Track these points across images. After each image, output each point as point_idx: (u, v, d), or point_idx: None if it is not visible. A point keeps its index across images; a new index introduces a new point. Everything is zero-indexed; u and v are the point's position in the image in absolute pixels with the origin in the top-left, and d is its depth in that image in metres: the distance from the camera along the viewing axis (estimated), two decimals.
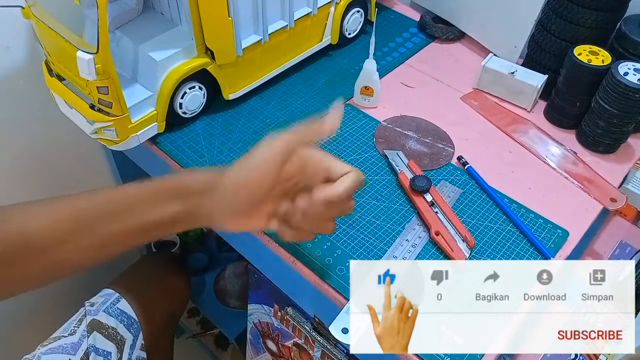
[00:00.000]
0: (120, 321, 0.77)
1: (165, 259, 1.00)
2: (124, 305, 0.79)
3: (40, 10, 0.58)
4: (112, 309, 0.77)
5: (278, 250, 0.56)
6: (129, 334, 0.77)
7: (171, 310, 0.90)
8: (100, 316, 0.75)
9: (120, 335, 0.75)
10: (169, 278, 0.92)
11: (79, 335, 0.72)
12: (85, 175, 0.97)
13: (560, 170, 0.66)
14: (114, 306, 0.78)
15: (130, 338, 0.77)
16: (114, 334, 0.75)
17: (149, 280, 0.88)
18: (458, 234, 0.56)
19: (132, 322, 0.78)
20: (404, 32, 0.88)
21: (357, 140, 0.68)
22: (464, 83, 0.78)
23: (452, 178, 0.64)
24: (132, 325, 0.78)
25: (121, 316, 0.77)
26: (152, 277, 0.89)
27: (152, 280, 0.88)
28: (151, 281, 0.88)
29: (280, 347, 0.87)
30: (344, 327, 0.49)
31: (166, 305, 0.88)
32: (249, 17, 0.66)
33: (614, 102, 0.62)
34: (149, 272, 0.90)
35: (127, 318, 0.78)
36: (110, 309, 0.77)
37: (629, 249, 0.68)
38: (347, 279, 0.53)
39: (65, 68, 0.61)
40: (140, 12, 0.66)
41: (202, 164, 0.64)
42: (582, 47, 0.67)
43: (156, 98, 0.62)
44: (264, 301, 0.84)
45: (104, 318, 0.75)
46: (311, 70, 0.79)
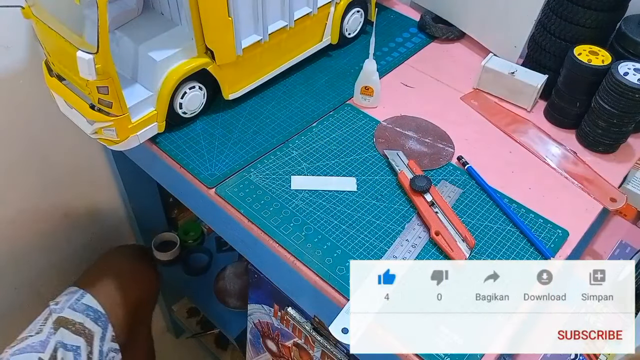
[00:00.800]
0: (87, 315, 0.76)
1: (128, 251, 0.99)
2: (89, 300, 0.78)
3: (40, 10, 0.58)
4: (77, 304, 0.77)
5: (278, 250, 0.56)
6: (97, 327, 0.77)
7: (140, 299, 0.89)
8: (66, 313, 0.75)
9: (87, 329, 0.75)
10: (134, 268, 0.91)
11: (46, 333, 0.72)
12: (85, 175, 0.97)
13: (560, 170, 0.66)
14: (78, 302, 0.77)
15: (99, 331, 0.77)
16: (81, 328, 0.75)
17: (112, 273, 0.87)
18: (458, 234, 0.56)
19: (99, 315, 0.78)
20: (404, 32, 0.88)
21: (357, 140, 0.68)
22: (464, 83, 0.78)
23: (452, 178, 0.64)
24: (100, 318, 0.78)
25: (87, 310, 0.77)
26: (115, 269, 0.88)
27: (116, 272, 0.87)
28: (115, 273, 0.87)
29: (280, 347, 0.87)
30: (344, 327, 0.49)
31: (133, 294, 0.87)
32: (249, 17, 0.66)
33: (614, 102, 0.62)
34: (112, 265, 0.89)
35: (94, 312, 0.78)
36: (75, 305, 0.77)
37: (629, 249, 0.69)
38: (347, 279, 0.53)
39: (65, 68, 0.61)
40: (140, 12, 0.66)
41: (202, 164, 0.64)
42: (582, 47, 0.67)
43: (156, 98, 0.62)
44: (264, 301, 0.84)
45: (70, 314, 0.75)
46: (311, 70, 0.79)
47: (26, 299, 0.98)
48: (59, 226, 0.96)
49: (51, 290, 1.00)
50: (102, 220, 1.07)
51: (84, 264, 1.04)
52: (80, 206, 1.00)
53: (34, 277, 0.98)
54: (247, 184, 0.62)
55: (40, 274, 0.99)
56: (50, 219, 0.94)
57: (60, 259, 1.01)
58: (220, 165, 0.64)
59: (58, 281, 1.02)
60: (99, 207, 1.05)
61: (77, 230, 1.01)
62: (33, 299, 0.99)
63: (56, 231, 0.96)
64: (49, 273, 1.00)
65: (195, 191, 0.63)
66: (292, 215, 0.59)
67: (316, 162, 0.65)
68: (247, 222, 0.58)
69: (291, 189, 0.62)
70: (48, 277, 1.00)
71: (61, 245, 1.00)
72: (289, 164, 0.65)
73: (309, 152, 0.66)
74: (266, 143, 0.67)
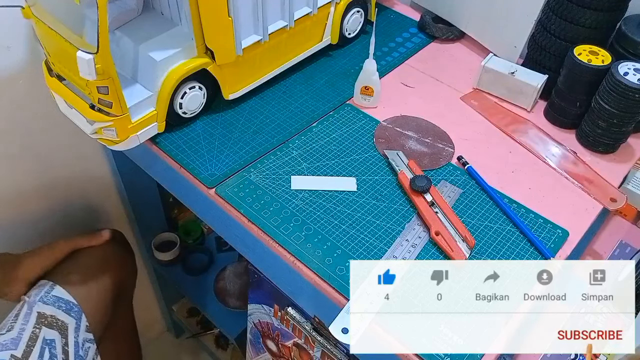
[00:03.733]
0: (58, 307, 0.75)
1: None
2: (59, 291, 0.77)
3: (40, 10, 0.58)
4: (47, 297, 0.76)
5: (278, 250, 0.56)
6: (70, 318, 0.76)
7: (114, 283, 0.86)
8: (37, 307, 0.74)
9: (60, 321, 0.74)
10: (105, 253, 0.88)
11: (18, 330, 0.71)
12: (85, 175, 0.97)
13: (560, 170, 0.66)
14: (48, 294, 0.76)
15: (73, 322, 0.76)
16: (53, 321, 0.74)
17: (81, 261, 0.84)
18: (458, 234, 0.56)
19: (70, 306, 0.77)
20: (404, 32, 0.88)
21: (357, 140, 0.68)
22: (464, 83, 0.78)
23: (452, 178, 0.64)
24: (72, 309, 0.77)
25: (58, 302, 0.76)
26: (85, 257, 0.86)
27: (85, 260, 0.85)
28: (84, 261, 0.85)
29: (280, 347, 0.87)
30: (344, 327, 0.49)
31: (107, 280, 0.84)
32: (249, 17, 0.66)
33: (614, 102, 0.62)
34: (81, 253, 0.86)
35: (65, 303, 0.77)
36: (45, 298, 0.76)
37: (629, 249, 0.68)
38: (347, 279, 0.53)
39: (65, 68, 0.61)
40: (140, 12, 0.66)
41: (202, 164, 0.64)
42: (582, 47, 0.67)
43: (156, 98, 0.62)
44: (264, 301, 0.84)
45: (41, 308, 0.74)
46: (311, 70, 0.79)
47: None
48: (59, 226, 0.96)
49: None
50: (102, 220, 1.07)
51: None
52: (80, 206, 1.00)
53: None
54: (247, 184, 0.62)
55: None
56: (50, 219, 0.94)
57: None
58: (220, 165, 0.64)
59: None
60: (99, 207, 1.05)
61: (77, 230, 1.01)
62: None
63: (56, 231, 0.96)
64: None
65: (195, 191, 0.63)
66: (292, 215, 0.59)
67: (316, 162, 0.65)
68: (247, 222, 0.58)
69: (291, 189, 0.62)
70: None
71: None
72: (289, 164, 0.65)
73: (309, 152, 0.66)
74: (266, 143, 0.67)
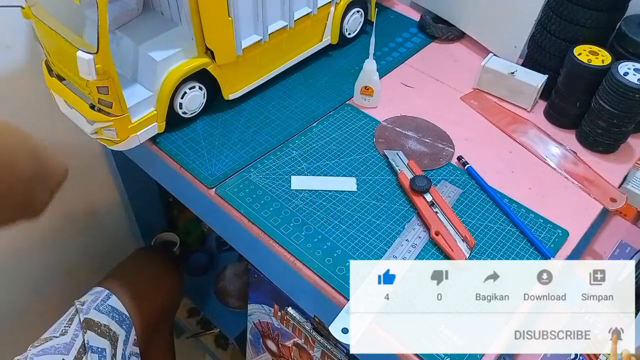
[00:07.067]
0: (112, 317, 0.76)
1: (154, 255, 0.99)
2: (114, 301, 0.78)
3: (40, 10, 0.58)
4: (103, 306, 0.77)
5: (278, 250, 0.56)
6: (122, 329, 0.77)
7: (163, 304, 0.89)
8: (92, 314, 0.75)
9: (112, 331, 0.75)
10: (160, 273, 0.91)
11: (71, 335, 0.72)
12: (85, 175, 0.97)
13: (560, 170, 0.66)
14: (104, 303, 0.77)
15: (123, 334, 0.77)
16: (106, 330, 0.75)
17: (138, 276, 0.87)
18: (458, 234, 0.56)
19: (123, 318, 0.78)
20: (404, 32, 0.88)
21: (357, 140, 0.68)
22: (464, 83, 0.78)
23: (452, 178, 0.64)
24: (124, 321, 0.78)
25: (112, 313, 0.77)
26: (141, 272, 0.88)
27: (142, 276, 0.87)
28: (141, 276, 0.87)
29: (280, 347, 0.87)
30: (344, 327, 0.49)
31: (158, 300, 0.87)
32: (249, 17, 0.66)
33: (614, 102, 0.62)
34: (138, 268, 0.89)
35: (119, 314, 0.78)
36: (101, 307, 0.77)
37: (629, 249, 0.69)
38: (347, 279, 0.53)
39: (65, 68, 0.61)
40: (140, 12, 0.66)
41: (202, 164, 0.64)
42: (582, 47, 0.67)
43: (156, 98, 0.62)
44: (264, 301, 0.84)
45: (95, 316, 0.75)
46: (311, 70, 0.79)
47: (26, 299, 0.98)
48: (59, 226, 0.96)
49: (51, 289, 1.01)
50: (102, 220, 1.07)
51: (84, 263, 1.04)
52: (80, 206, 1.00)
53: (34, 277, 0.98)
54: (247, 184, 0.62)
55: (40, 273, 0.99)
56: (50, 219, 0.94)
57: (60, 259, 1.01)
58: (220, 165, 0.64)
59: (58, 281, 1.02)
60: (99, 207, 1.05)
61: (77, 230, 1.01)
62: (32, 298, 0.99)
63: (56, 231, 0.96)
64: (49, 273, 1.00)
65: (195, 191, 0.63)
66: (292, 215, 0.59)
67: (316, 162, 0.65)
68: (247, 222, 0.58)
69: (291, 189, 0.62)
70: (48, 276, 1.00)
71: (61, 245, 1.00)
72: (289, 164, 0.65)
73: (309, 152, 0.66)
74: (266, 143, 0.67)
